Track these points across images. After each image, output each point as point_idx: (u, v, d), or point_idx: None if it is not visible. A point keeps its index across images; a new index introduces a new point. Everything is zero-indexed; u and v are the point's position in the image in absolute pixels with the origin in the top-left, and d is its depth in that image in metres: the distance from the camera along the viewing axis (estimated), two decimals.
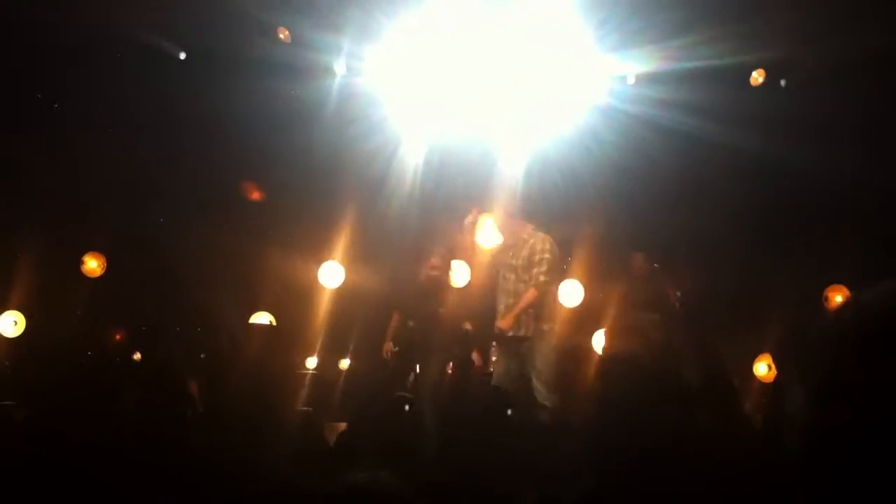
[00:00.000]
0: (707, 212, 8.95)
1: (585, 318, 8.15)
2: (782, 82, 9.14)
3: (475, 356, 9.01)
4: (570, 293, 8.23)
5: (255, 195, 9.98)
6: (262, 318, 9.39)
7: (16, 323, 9.00)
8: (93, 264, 9.72)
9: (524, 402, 6.77)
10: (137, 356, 8.77)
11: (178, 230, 9.58)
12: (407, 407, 3.65)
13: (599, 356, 2.27)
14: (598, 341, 7.97)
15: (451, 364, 8.70)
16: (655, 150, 8.81)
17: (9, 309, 8.99)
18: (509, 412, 3.96)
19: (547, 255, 7.11)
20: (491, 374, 7.98)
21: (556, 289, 7.52)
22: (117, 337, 9.58)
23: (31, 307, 9.11)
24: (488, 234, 8.51)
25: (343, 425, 6.75)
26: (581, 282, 8.57)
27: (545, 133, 8.98)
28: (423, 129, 9.11)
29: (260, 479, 2.61)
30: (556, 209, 9.12)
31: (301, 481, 2.66)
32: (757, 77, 9.04)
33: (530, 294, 7.00)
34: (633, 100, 8.94)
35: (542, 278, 7.03)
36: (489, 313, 7.54)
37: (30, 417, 3.30)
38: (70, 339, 9.28)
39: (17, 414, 3.56)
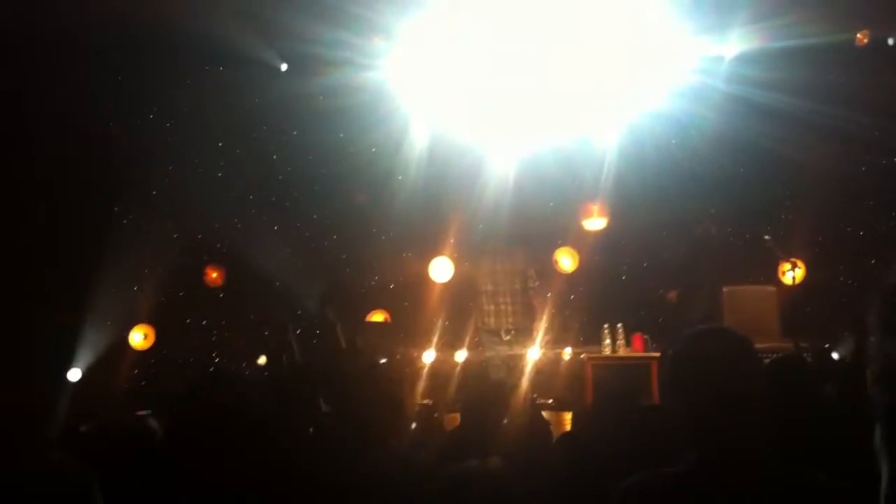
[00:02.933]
0: (808, 189, 8.83)
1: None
2: (890, 41, 8.87)
3: None
4: None
5: (362, 197, 10.16)
6: (377, 317, 9.60)
7: (145, 336, 9.45)
8: (214, 275, 10.09)
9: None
10: (262, 360, 9.07)
11: (290, 237, 9.86)
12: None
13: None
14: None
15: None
16: (753, 131, 8.71)
17: (139, 322, 9.44)
18: None
19: None
20: None
21: None
22: (241, 343, 9.91)
23: (159, 319, 9.55)
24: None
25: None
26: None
27: (639, 115, 8.93)
28: (515, 123, 9.12)
29: (384, 469, 2.71)
30: (651, 189, 9.09)
31: (422, 467, 2.76)
32: (862, 38, 8.76)
33: None
34: (729, 79, 8.81)
35: None
36: None
37: (164, 426, 3.44)
38: (198, 347, 9.70)
39: (151, 423, 3.74)
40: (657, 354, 8.19)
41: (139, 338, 9.43)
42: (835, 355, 5.99)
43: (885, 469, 2.56)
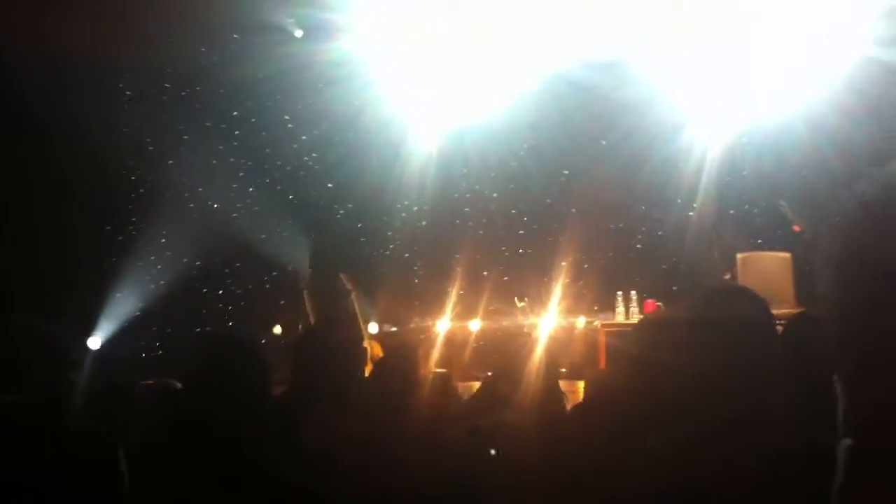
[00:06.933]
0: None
1: None
2: None
3: None
4: None
5: None
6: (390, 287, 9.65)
7: (165, 305, 9.52)
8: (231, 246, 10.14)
9: None
10: (277, 328, 9.14)
11: (304, 206, 9.91)
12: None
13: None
14: None
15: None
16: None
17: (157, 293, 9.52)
18: None
19: None
20: None
21: None
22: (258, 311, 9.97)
23: (177, 290, 9.61)
24: None
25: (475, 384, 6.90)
26: None
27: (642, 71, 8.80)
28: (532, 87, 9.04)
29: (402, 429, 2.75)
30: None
31: (440, 427, 2.81)
32: None
33: None
34: None
35: None
36: None
37: (181, 389, 3.50)
38: (214, 316, 9.77)
39: (172, 384, 3.87)
40: None
41: (158, 308, 9.50)
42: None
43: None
